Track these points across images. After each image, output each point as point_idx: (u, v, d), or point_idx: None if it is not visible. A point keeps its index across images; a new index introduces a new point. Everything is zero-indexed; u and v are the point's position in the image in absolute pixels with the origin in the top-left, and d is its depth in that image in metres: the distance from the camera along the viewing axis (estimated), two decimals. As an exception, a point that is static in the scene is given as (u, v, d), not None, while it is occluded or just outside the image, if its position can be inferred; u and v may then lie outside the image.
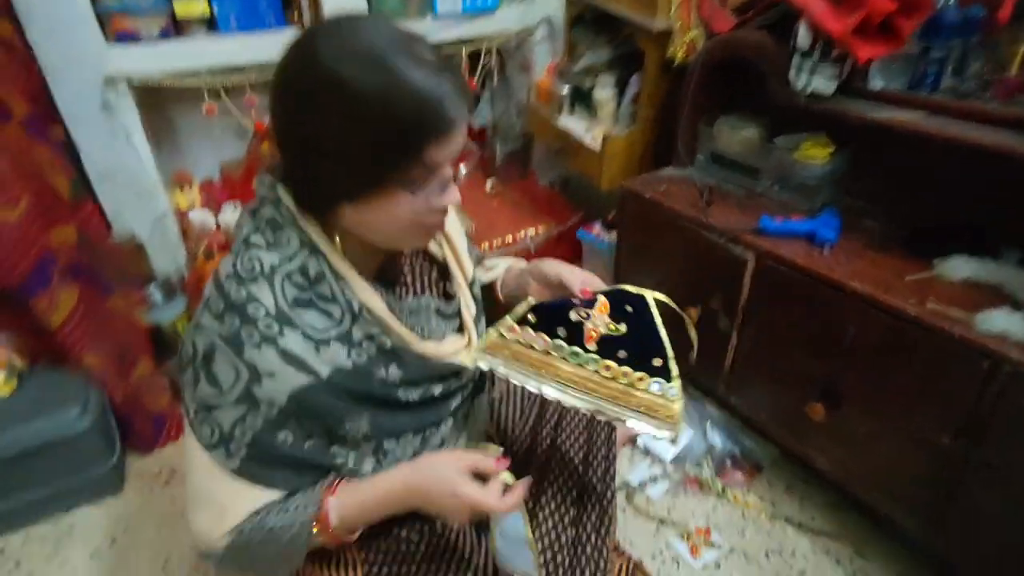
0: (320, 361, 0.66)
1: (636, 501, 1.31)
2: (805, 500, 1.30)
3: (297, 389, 0.64)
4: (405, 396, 0.74)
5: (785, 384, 1.21)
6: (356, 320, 0.68)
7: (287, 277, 0.66)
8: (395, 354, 0.72)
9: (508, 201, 2.18)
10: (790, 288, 1.14)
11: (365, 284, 0.69)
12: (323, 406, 0.67)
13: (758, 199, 1.36)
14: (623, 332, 0.71)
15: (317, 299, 0.67)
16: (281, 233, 0.67)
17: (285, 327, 0.64)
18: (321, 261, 0.67)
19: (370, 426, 0.72)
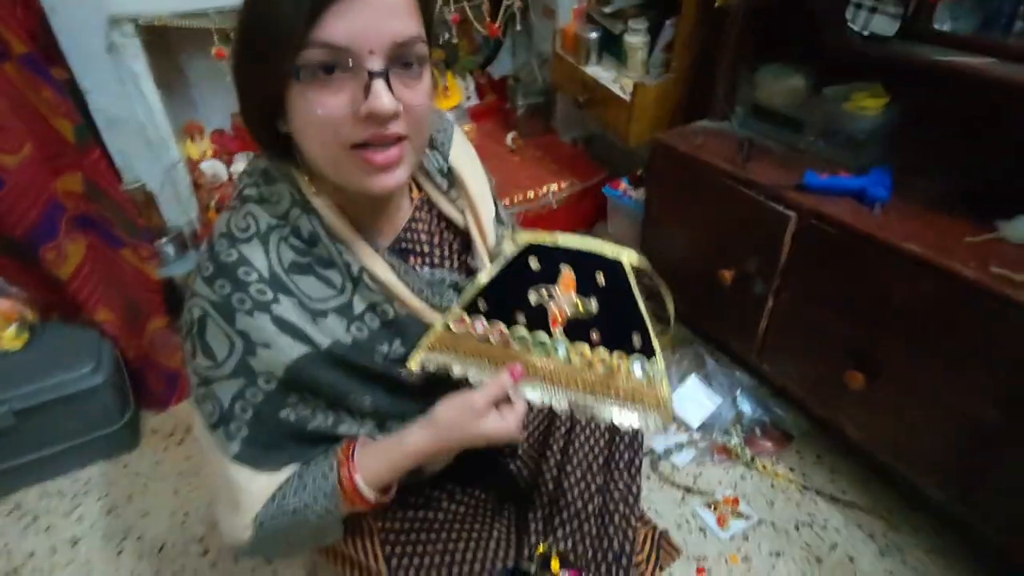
0: (318, 331, 0.60)
1: (661, 468, 1.27)
2: (836, 472, 1.25)
3: (295, 360, 0.59)
4: (409, 377, 0.67)
5: (822, 351, 1.15)
6: (357, 287, 0.63)
7: (284, 239, 0.60)
8: (399, 327, 0.65)
9: (529, 157, 2.09)
10: (835, 249, 1.06)
11: (366, 246, 0.63)
12: (324, 379, 0.61)
13: (800, 155, 1.27)
14: (594, 312, 0.59)
15: (316, 264, 0.61)
16: (274, 187, 0.61)
17: (280, 293, 0.58)
18: (314, 220, 0.61)
19: (372, 405, 0.66)
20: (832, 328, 1.11)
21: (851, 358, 1.09)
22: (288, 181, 0.61)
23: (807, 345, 1.18)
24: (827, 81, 1.25)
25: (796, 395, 1.26)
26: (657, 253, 1.51)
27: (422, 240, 0.72)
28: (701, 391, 1.35)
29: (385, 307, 0.64)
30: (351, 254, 0.62)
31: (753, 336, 1.29)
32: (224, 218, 0.61)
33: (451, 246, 0.75)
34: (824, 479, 1.24)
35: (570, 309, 0.60)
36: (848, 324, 1.08)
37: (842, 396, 1.14)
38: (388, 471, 0.63)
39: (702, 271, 1.36)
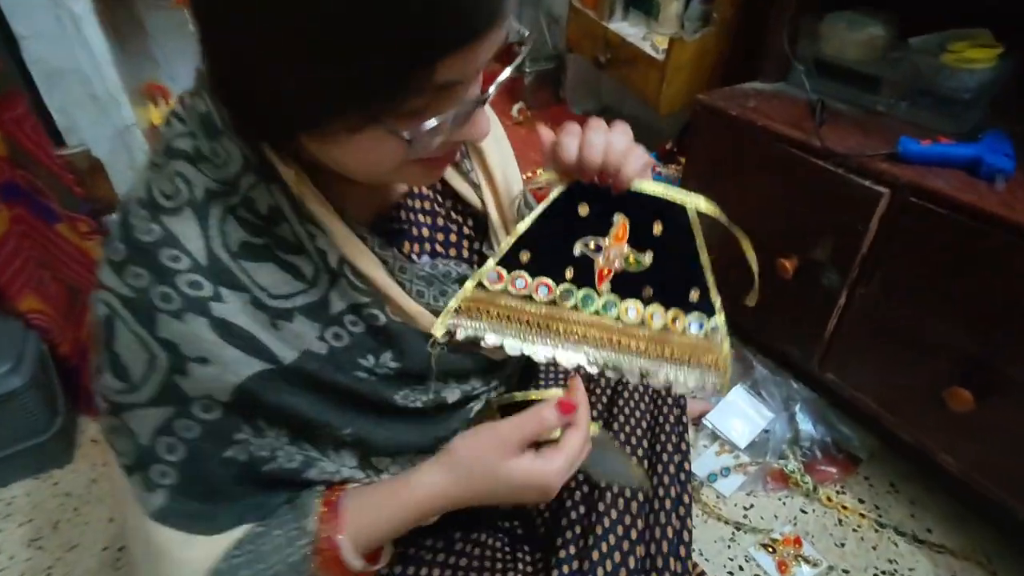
0: (278, 340, 0.45)
1: (704, 497, 1.05)
2: (918, 505, 1.04)
3: (246, 379, 0.44)
4: (405, 401, 0.52)
5: (914, 361, 0.93)
6: (335, 282, 0.47)
7: (231, 210, 0.44)
8: (392, 336, 0.50)
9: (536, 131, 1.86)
10: (942, 234, 0.83)
11: (348, 231, 0.47)
12: (288, 404, 0.46)
13: (879, 120, 1.04)
14: (647, 265, 0.52)
15: (278, 247, 0.45)
16: (218, 142, 0.44)
17: (223, 287, 0.43)
18: (276, 192, 0.44)
19: (354, 436, 0.51)
20: (930, 332, 0.89)
21: (956, 371, 0.87)
22: (238, 139, 0.44)
23: (894, 353, 0.96)
24: (913, 29, 1.02)
25: (868, 411, 1.04)
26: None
27: (420, 221, 0.57)
28: (749, 404, 1.13)
29: (372, 311, 0.49)
30: (327, 240, 0.46)
31: (817, 339, 1.06)
32: (142, 179, 0.44)
33: (460, 230, 0.60)
34: (903, 514, 1.03)
35: (620, 263, 0.52)
36: (954, 328, 0.86)
37: (938, 417, 0.92)
38: (386, 529, 0.50)
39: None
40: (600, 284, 0.52)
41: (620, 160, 0.48)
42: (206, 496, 0.46)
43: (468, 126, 0.42)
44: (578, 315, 0.52)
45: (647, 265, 0.52)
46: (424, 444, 0.55)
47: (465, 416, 0.59)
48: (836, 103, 1.10)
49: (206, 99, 0.44)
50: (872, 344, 0.99)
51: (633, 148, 0.49)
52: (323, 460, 0.51)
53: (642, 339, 0.53)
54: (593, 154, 0.47)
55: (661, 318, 0.52)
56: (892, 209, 0.89)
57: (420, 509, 0.50)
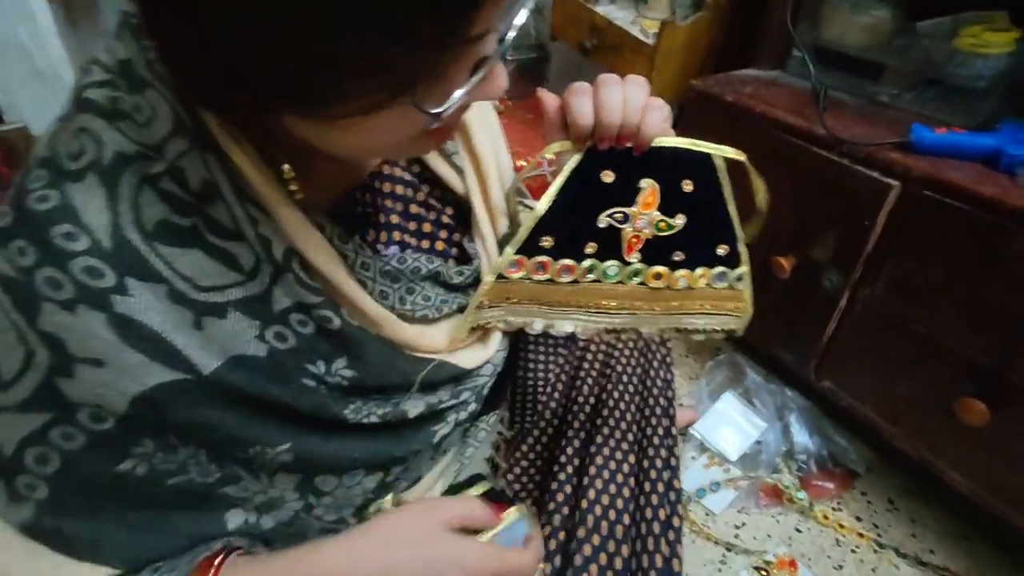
0: (200, 344, 0.37)
1: (693, 514, 0.96)
2: (918, 523, 0.97)
3: (151, 389, 0.36)
4: (356, 416, 0.43)
5: (922, 369, 0.86)
6: (279, 277, 0.39)
7: (150, 180, 0.35)
8: (348, 341, 0.43)
9: (519, 119, 1.77)
10: (960, 231, 0.76)
11: (297, 213, 0.39)
12: (209, 421, 0.38)
13: (883, 111, 0.97)
14: (679, 226, 0.49)
15: (209, 230, 0.37)
16: (141, 96, 0.35)
17: (130, 277, 0.34)
18: (213, 163, 0.36)
19: (294, 453, 0.42)
20: (941, 338, 0.82)
21: (969, 381, 0.80)
22: (169, 90, 0.35)
23: (898, 359, 0.89)
24: (921, 12, 0.95)
25: (866, 421, 0.97)
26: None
27: (389, 207, 0.49)
28: (740, 413, 1.05)
29: (324, 312, 0.41)
30: (272, 226, 0.38)
31: (814, 344, 0.99)
32: (50, 133, 0.36)
33: (438, 219, 0.53)
34: (903, 533, 0.95)
35: (651, 229, 0.48)
36: (969, 333, 0.79)
37: (946, 430, 0.85)
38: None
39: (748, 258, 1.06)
40: (629, 254, 0.49)
41: (640, 116, 0.42)
42: (87, 514, 0.38)
43: (490, 82, 0.35)
44: (599, 287, 0.50)
45: (679, 227, 0.49)
46: (378, 462, 0.47)
47: (428, 439, 0.50)
48: (835, 92, 1.03)
49: (129, 40, 0.35)
50: (875, 350, 0.92)
51: (652, 101, 0.43)
52: (248, 478, 0.41)
53: (666, 302, 0.52)
54: (611, 114, 0.42)
55: (687, 281, 0.51)
56: (903, 203, 0.81)
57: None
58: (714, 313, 0.54)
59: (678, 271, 0.51)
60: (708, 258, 0.51)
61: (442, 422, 0.51)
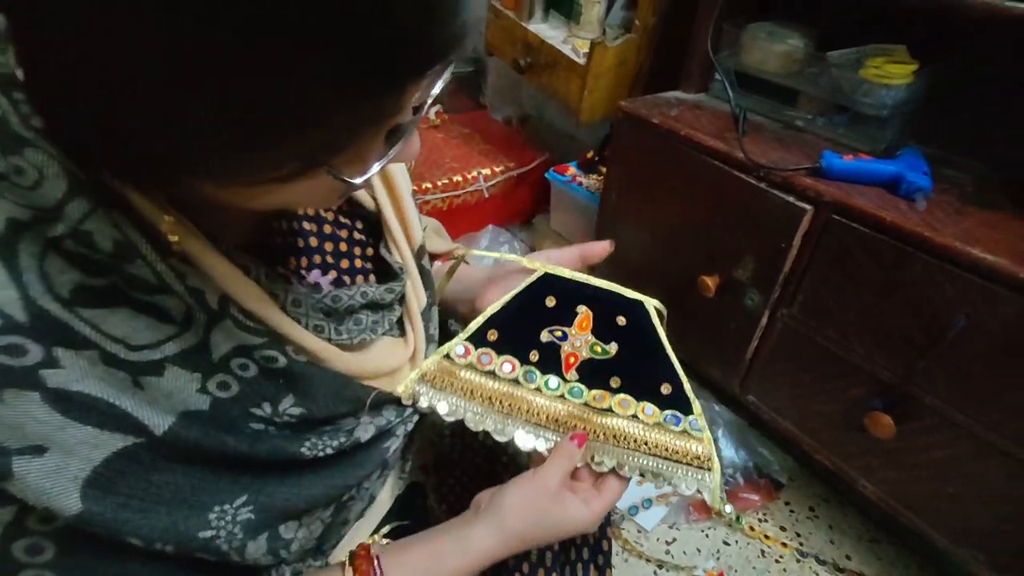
0: (146, 404, 0.34)
1: (624, 533, 0.97)
2: (836, 530, 1.01)
3: (105, 463, 0.32)
4: (313, 452, 0.43)
5: (836, 385, 0.90)
6: (217, 323, 0.37)
7: (52, 244, 0.31)
8: (294, 378, 0.41)
9: (456, 135, 1.76)
10: (866, 255, 0.80)
11: (224, 262, 0.37)
12: (163, 487, 0.35)
13: (798, 136, 1.02)
14: (612, 353, 0.53)
15: (130, 287, 0.34)
16: (20, 158, 0.30)
17: (58, 347, 0.31)
18: (123, 222, 0.33)
19: (254, 508, 0.39)
20: (852, 356, 0.86)
21: (877, 396, 0.84)
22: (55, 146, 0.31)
23: (813, 376, 0.92)
24: (832, 44, 1.00)
25: (788, 434, 1.01)
26: (618, 253, 1.20)
27: (306, 230, 0.48)
28: (672, 429, 1.07)
29: (269, 352, 0.39)
30: (199, 276, 0.36)
31: (738, 361, 1.02)
32: None
33: (351, 236, 0.52)
34: (823, 540, 0.99)
35: (586, 351, 0.53)
36: (876, 353, 0.83)
37: (858, 443, 0.89)
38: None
39: (676, 278, 1.08)
40: (567, 371, 0.53)
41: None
42: None
43: (405, 147, 0.36)
44: (543, 399, 0.52)
45: (612, 354, 0.53)
46: (336, 496, 0.46)
47: (381, 457, 0.50)
48: (755, 116, 1.07)
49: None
50: (793, 367, 0.95)
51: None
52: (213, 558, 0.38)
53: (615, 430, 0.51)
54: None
55: (631, 407, 0.52)
56: (815, 227, 0.85)
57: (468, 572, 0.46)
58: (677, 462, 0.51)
59: (618, 395, 0.52)
60: (652, 394, 0.52)
61: (392, 438, 0.51)
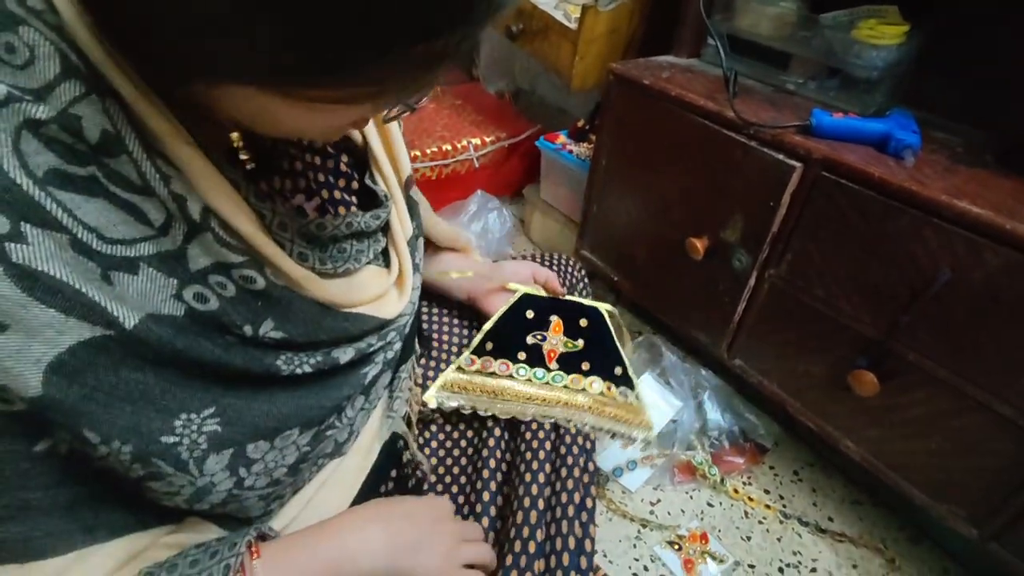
0: (114, 298, 0.32)
1: (609, 494, 0.97)
2: (819, 492, 1.02)
3: (71, 351, 0.31)
4: (290, 367, 0.42)
5: (821, 344, 0.90)
6: (196, 235, 0.36)
7: (32, 126, 0.30)
8: (272, 301, 0.41)
9: (447, 105, 1.74)
10: (854, 211, 0.80)
11: (212, 170, 0.36)
12: (131, 384, 0.34)
13: (789, 99, 1.01)
14: (580, 347, 0.71)
15: (110, 180, 0.32)
16: (12, 34, 0.29)
17: (27, 223, 0.29)
18: (116, 113, 0.32)
19: (221, 421, 0.38)
20: (838, 315, 0.86)
21: (861, 354, 0.84)
22: (51, 27, 0.30)
23: (800, 336, 0.93)
24: (823, 5, 0.99)
25: (774, 397, 1.01)
26: (606, 219, 1.22)
27: (292, 154, 0.47)
28: (658, 393, 1.07)
29: (248, 272, 0.39)
30: (184, 183, 0.35)
31: (726, 324, 1.02)
32: None
33: (337, 167, 0.51)
34: (806, 503, 1.00)
35: (561, 347, 0.70)
36: (861, 310, 0.83)
37: (842, 402, 0.89)
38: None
39: (664, 241, 1.08)
40: (550, 363, 0.69)
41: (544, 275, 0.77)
42: (16, 516, 0.33)
43: None
44: (531, 387, 0.66)
45: (581, 347, 0.71)
46: (311, 416, 0.45)
47: (359, 382, 0.49)
48: (747, 80, 1.07)
49: None
50: (780, 328, 0.96)
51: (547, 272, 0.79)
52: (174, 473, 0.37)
53: (586, 402, 0.66)
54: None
55: (599, 385, 0.68)
56: (804, 184, 0.85)
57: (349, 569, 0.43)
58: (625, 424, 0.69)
59: (589, 377, 0.69)
60: (610, 374, 0.70)
61: (371, 364, 0.51)
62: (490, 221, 1.45)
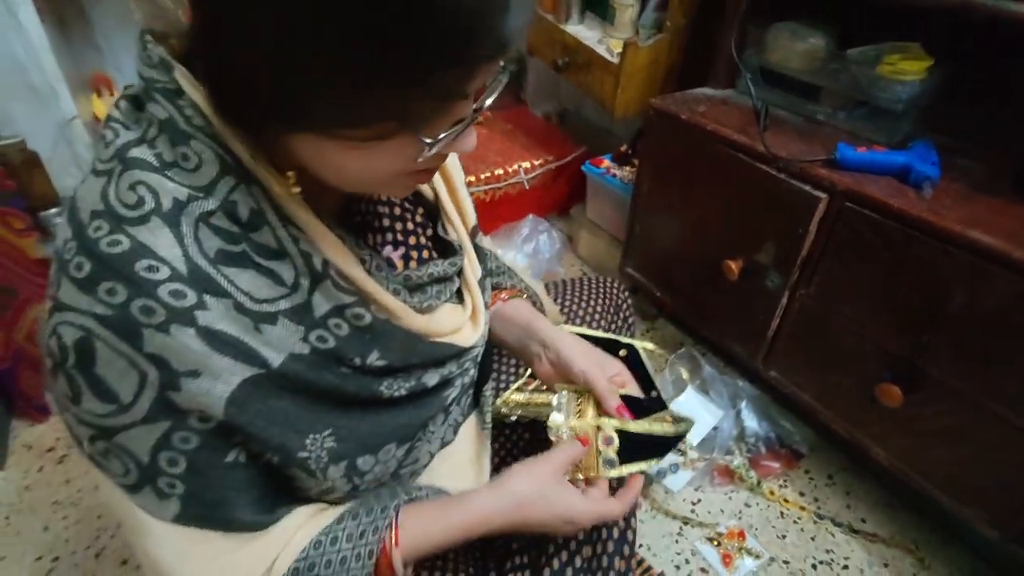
0: (264, 344, 0.44)
1: (653, 494, 1.07)
2: (852, 495, 1.09)
3: (238, 387, 0.42)
4: (390, 391, 0.53)
5: (850, 359, 0.97)
6: (318, 284, 0.47)
7: (203, 219, 0.42)
8: (376, 333, 0.51)
9: (498, 130, 1.87)
10: (875, 239, 0.88)
11: (327, 231, 0.47)
12: (277, 411, 0.45)
13: (818, 128, 1.09)
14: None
15: (257, 253, 0.44)
16: (187, 147, 0.42)
17: (206, 295, 0.41)
18: (259, 195, 0.43)
19: (336, 438, 0.50)
20: (864, 332, 0.93)
21: (887, 369, 0.92)
22: (212, 141, 0.42)
23: (830, 352, 1.00)
24: (851, 41, 1.06)
25: (807, 407, 1.09)
26: (649, 239, 1.31)
27: (380, 212, 0.58)
28: (700, 404, 1.16)
29: (357, 310, 0.49)
30: (308, 241, 0.46)
31: (761, 338, 1.10)
32: (93, 188, 0.41)
33: (414, 218, 0.61)
34: (839, 505, 1.07)
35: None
36: (886, 328, 0.91)
37: (871, 412, 0.96)
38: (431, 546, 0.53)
39: (703, 262, 1.17)
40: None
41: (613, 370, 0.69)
42: (218, 500, 0.45)
43: (462, 139, 0.43)
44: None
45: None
46: (405, 434, 0.56)
47: (441, 404, 0.60)
48: (779, 110, 1.14)
49: (164, 102, 0.42)
50: (811, 343, 1.03)
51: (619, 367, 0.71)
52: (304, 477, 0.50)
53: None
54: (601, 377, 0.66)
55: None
56: (830, 214, 0.93)
57: (467, 531, 0.53)
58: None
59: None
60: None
61: (451, 387, 0.61)
62: (541, 243, 1.56)
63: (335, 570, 0.49)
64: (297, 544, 0.50)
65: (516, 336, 0.72)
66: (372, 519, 0.51)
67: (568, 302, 0.88)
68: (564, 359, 0.66)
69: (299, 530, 0.50)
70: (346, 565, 0.49)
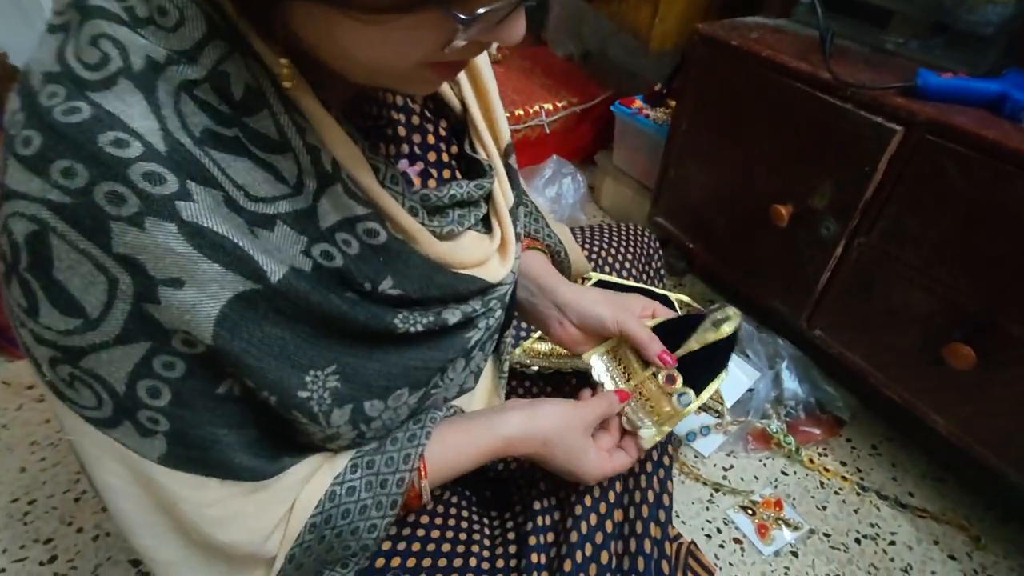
0: (261, 251, 0.35)
1: (683, 457, 0.98)
2: (898, 467, 1.00)
3: (230, 304, 0.34)
4: (405, 325, 0.43)
5: (911, 317, 0.87)
6: (326, 189, 0.38)
7: (186, 88, 0.32)
8: (391, 255, 0.42)
9: (517, 69, 1.74)
10: (962, 177, 0.76)
11: (334, 122, 0.37)
12: (274, 339, 0.36)
13: (888, 59, 0.96)
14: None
15: (252, 141, 0.35)
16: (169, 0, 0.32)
17: (190, 181, 0.32)
18: (257, 70, 0.34)
19: (341, 377, 0.41)
20: (933, 285, 0.83)
21: (957, 327, 0.81)
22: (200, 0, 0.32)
23: (888, 307, 0.90)
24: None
25: (855, 369, 0.99)
26: (684, 185, 1.20)
27: (395, 119, 0.48)
28: (734, 362, 1.06)
29: (371, 225, 0.40)
30: (316, 135, 0.37)
31: (808, 293, 1.00)
32: (47, 48, 0.32)
33: (436, 131, 0.52)
34: (885, 476, 0.98)
35: None
36: (960, 281, 0.80)
37: (932, 376, 0.87)
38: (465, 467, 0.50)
39: (746, 207, 1.06)
40: None
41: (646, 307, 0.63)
42: (208, 440, 0.37)
43: (508, 25, 0.33)
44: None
45: None
46: (419, 378, 0.47)
47: (463, 345, 0.51)
48: (842, 40, 1.02)
49: None
50: (866, 298, 0.93)
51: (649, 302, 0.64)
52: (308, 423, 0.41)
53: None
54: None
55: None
56: (905, 149, 0.81)
57: (491, 452, 0.50)
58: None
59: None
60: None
61: (474, 328, 0.52)
62: (564, 187, 1.45)
63: (353, 519, 0.44)
64: (311, 497, 0.43)
65: (527, 296, 0.63)
66: (393, 468, 0.45)
67: (597, 249, 0.78)
68: (593, 317, 0.59)
69: (309, 481, 0.43)
70: (366, 514, 0.44)
